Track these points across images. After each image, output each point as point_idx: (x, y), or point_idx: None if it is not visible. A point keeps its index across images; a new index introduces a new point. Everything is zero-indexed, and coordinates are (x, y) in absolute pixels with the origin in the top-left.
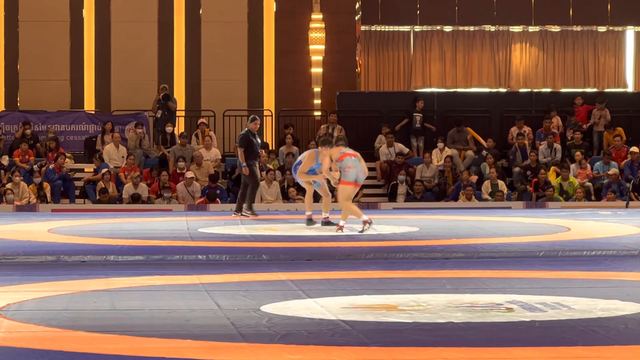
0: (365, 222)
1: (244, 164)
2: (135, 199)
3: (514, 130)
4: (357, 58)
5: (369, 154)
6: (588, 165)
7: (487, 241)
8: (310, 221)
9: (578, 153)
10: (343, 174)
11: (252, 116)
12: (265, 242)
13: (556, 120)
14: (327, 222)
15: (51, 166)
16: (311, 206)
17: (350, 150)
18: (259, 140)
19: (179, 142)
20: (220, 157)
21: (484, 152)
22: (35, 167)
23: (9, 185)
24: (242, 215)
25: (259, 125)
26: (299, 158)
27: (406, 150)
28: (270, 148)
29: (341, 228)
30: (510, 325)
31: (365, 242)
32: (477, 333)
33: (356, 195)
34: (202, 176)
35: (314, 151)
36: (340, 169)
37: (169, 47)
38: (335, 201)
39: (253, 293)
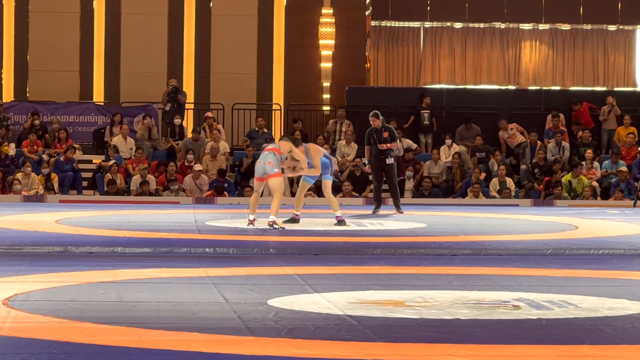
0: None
1: (367, 161)
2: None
3: (501, 133)
4: (366, 53)
5: None
6: (597, 164)
7: (494, 238)
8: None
9: (589, 151)
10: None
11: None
12: (273, 236)
13: (561, 118)
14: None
15: (62, 158)
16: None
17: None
18: (385, 136)
19: (192, 136)
20: (228, 150)
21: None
22: (44, 156)
23: (19, 176)
24: (398, 212)
25: (376, 122)
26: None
27: (414, 145)
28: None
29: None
30: (516, 322)
31: (373, 237)
32: (484, 330)
33: (364, 190)
34: (214, 168)
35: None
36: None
37: (178, 39)
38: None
39: (260, 287)
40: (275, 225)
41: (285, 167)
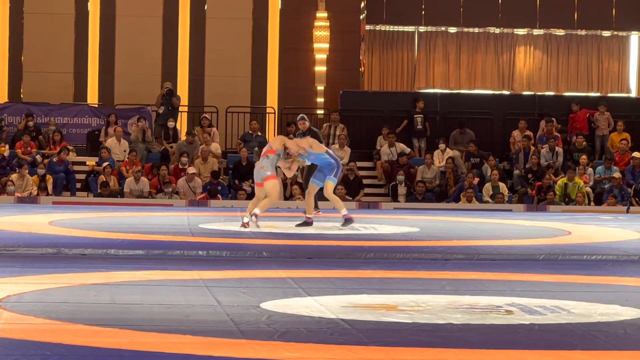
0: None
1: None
2: (138, 196)
3: (516, 134)
4: (361, 57)
5: (370, 154)
6: (590, 170)
7: (487, 243)
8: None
9: (583, 157)
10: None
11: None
12: (266, 239)
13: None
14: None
15: (55, 159)
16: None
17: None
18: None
19: (186, 138)
20: (220, 152)
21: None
22: (38, 157)
23: (13, 177)
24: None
25: (305, 124)
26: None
27: (407, 150)
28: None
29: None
30: (509, 327)
31: (366, 241)
32: (476, 335)
33: (357, 194)
34: (207, 171)
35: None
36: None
37: (173, 42)
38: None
39: (253, 290)
40: (254, 219)
41: (282, 166)
